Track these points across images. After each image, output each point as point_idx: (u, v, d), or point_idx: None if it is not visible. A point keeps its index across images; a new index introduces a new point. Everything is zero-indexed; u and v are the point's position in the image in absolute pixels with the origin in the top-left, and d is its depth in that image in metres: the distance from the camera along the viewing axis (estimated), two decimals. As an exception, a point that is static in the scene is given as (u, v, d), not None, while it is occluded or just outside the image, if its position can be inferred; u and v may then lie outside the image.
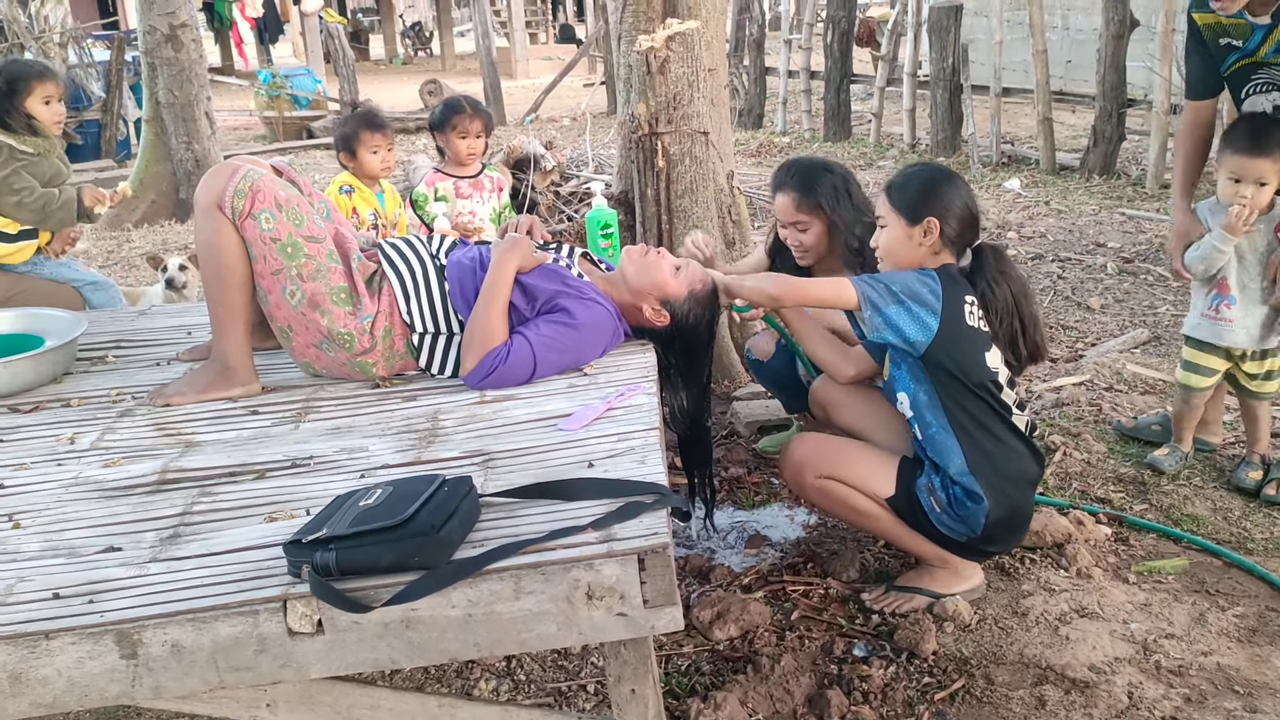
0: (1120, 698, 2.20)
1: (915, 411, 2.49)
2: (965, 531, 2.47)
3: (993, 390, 2.44)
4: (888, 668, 2.35)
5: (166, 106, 7.67)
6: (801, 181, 3.04)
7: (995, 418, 2.44)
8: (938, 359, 2.39)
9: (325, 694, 1.81)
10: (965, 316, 2.40)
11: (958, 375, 2.40)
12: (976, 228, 2.50)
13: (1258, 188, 2.91)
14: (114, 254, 6.99)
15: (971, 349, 2.41)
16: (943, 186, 2.45)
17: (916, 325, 2.37)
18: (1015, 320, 2.47)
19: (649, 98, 4.04)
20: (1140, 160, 8.03)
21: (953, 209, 2.43)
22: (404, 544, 1.70)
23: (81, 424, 2.47)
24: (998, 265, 2.49)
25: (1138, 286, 5.29)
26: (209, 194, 2.51)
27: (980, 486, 2.40)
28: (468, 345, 2.54)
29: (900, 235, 2.47)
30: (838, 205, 3.00)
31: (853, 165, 9.07)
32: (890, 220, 2.48)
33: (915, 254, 2.47)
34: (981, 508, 2.41)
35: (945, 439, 2.45)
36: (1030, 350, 2.51)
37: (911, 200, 2.45)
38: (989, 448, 2.43)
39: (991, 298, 2.45)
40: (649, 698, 1.84)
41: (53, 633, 1.63)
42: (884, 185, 2.55)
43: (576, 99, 13.89)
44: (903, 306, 2.37)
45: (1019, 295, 2.48)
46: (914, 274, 2.43)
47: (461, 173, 4.13)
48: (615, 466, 2.03)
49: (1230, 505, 3.03)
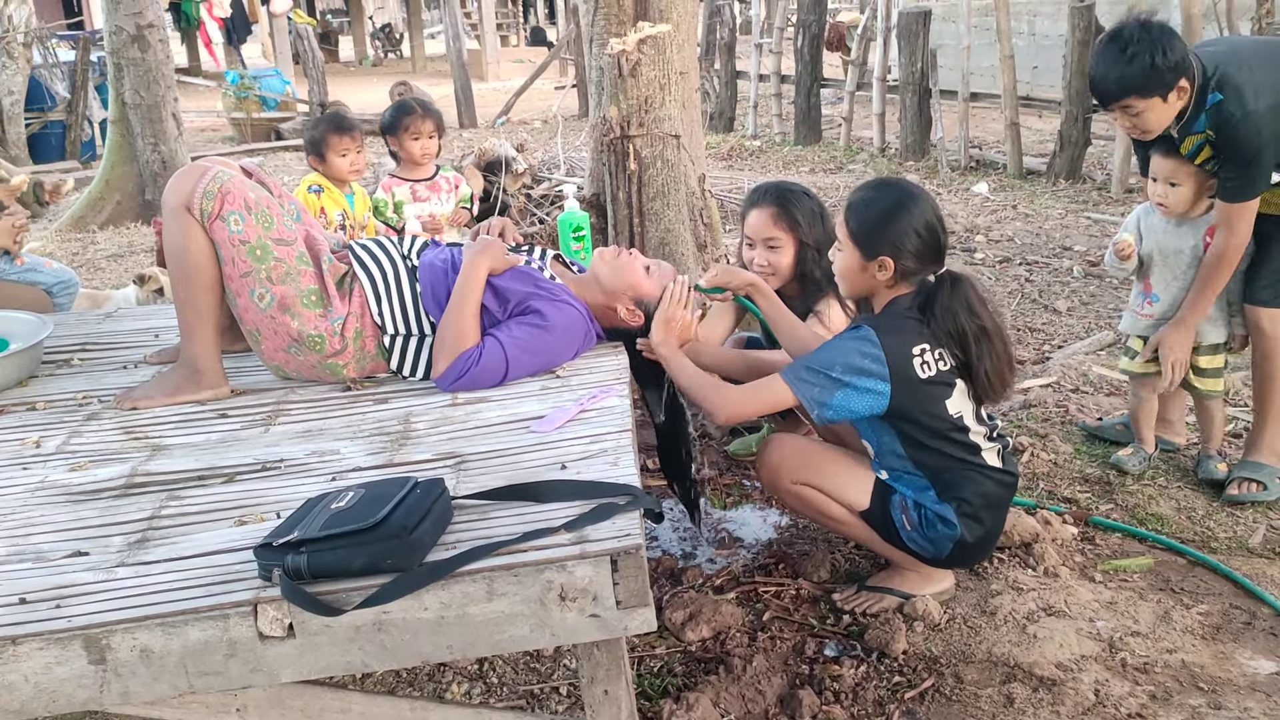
0: (1087, 695, 2.23)
1: (880, 458, 2.50)
2: (933, 552, 2.49)
3: (956, 437, 2.40)
4: (858, 667, 2.37)
5: (133, 107, 7.58)
6: (780, 198, 3.04)
7: (963, 458, 2.42)
8: (897, 417, 2.37)
9: (296, 698, 1.80)
10: (915, 371, 2.32)
11: (919, 428, 2.38)
12: (938, 254, 2.41)
13: (1168, 187, 3.04)
14: (79, 255, 6.90)
15: (928, 400, 2.35)
16: (900, 218, 2.35)
17: (867, 399, 2.32)
18: (969, 358, 2.35)
19: (620, 101, 4.05)
20: (1105, 165, 8.14)
21: (908, 245, 2.34)
22: (376, 546, 1.69)
23: (47, 427, 2.44)
24: (953, 300, 2.35)
25: (1103, 289, 5.35)
26: (177, 195, 2.49)
27: (952, 513, 2.42)
28: (439, 347, 2.54)
29: (854, 264, 2.41)
30: (812, 228, 3.01)
31: (823, 169, 9.13)
32: (846, 247, 2.42)
33: (869, 284, 2.43)
34: (953, 533, 2.43)
35: (914, 479, 2.46)
36: (988, 387, 2.39)
37: (867, 233, 2.37)
38: (957, 480, 2.43)
39: (944, 334, 2.34)
40: (622, 699, 1.84)
41: (19, 638, 1.61)
42: (845, 202, 2.48)
43: (548, 101, 13.87)
44: (848, 389, 2.30)
45: (976, 333, 2.34)
46: (850, 344, 2.33)
47: (417, 175, 4.13)
48: (588, 468, 2.04)
49: (1194, 505, 3.08)
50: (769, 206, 3.03)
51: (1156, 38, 2.70)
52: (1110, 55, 2.75)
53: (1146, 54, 2.69)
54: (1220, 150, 2.84)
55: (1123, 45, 2.72)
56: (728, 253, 4.55)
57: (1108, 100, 2.82)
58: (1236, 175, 2.84)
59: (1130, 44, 2.71)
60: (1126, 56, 2.71)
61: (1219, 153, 2.85)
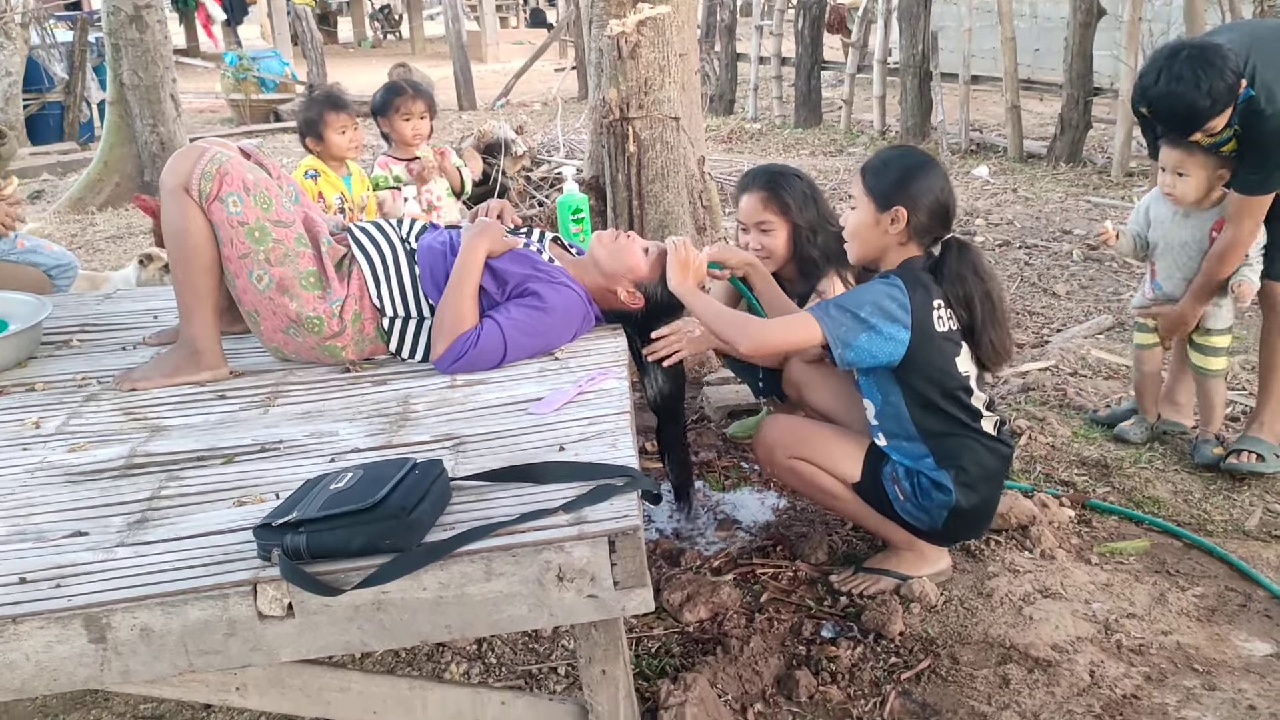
0: (1082, 676, 2.24)
1: (881, 421, 2.50)
2: (928, 522, 2.50)
3: (962, 397, 2.42)
4: (855, 648, 2.38)
5: (131, 88, 7.56)
6: (769, 182, 3.04)
7: (964, 422, 2.44)
8: (909, 370, 2.38)
9: (296, 677, 1.81)
10: (934, 323, 2.37)
11: (929, 384, 2.39)
12: (948, 220, 2.47)
13: (1176, 177, 3.04)
14: (78, 238, 6.90)
15: (942, 356, 2.39)
16: (918, 176, 2.41)
17: (888, 346, 2.34)
18: (975, 322, 2.41)
19: (620, 83, 4.04)
20: (1106, 148, 8.12)
21: (924, 200, 2.40)
22: (374, 527, 1.70)
23: (47, 408, 2.44)
24: (961, 264, 2.42)
25: (1102, 273, 5.35)
26: (175, 176, 2.49)
27: (949, 480, 2.43)
28: (438, 329, 2.54)
29: (868, 219, 2.45)
30: (804, 209, 3.00)
31: (823, 152, 9.11)
32: (861, 203, 2.46)
33: (881, 240, 2.46)
34: (948, 499, 2.44)
35: (912, 446, 2.47)
36: (991, 353, 2.45)
37: (885, 187, 2.42)
38: (956, 447, 2.44)
39: (953, 297, 2.41)
40: (619, 679, 1.85)
41: (20, 617, 1.62)
42: (861, 165, 2.53)
43: (547, 84, 13.82)
44: (872, 332, 2.32)
45: (982, 296, 2.41)
46: (880, 287, 2.38)
47: (409, 157, 4.11)
48: (586, 450, 2.04)
49: (1190, 488, 3.09)
50: (759, 191, 3.02)
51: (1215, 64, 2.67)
52: (1184, 89, 2.68)
53: (1218, 80, 2.66)
54: (1245, 144, 2.85)
55: (1194, 80, 2.67)
56: (726, 236, 4.54)
57: (1189, 131, 2.81)
58: (1257, 170, 2.86)
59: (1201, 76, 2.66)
60: (1204, 92, 2.67)
61: (1243, 146, 2.86)
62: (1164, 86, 2.73)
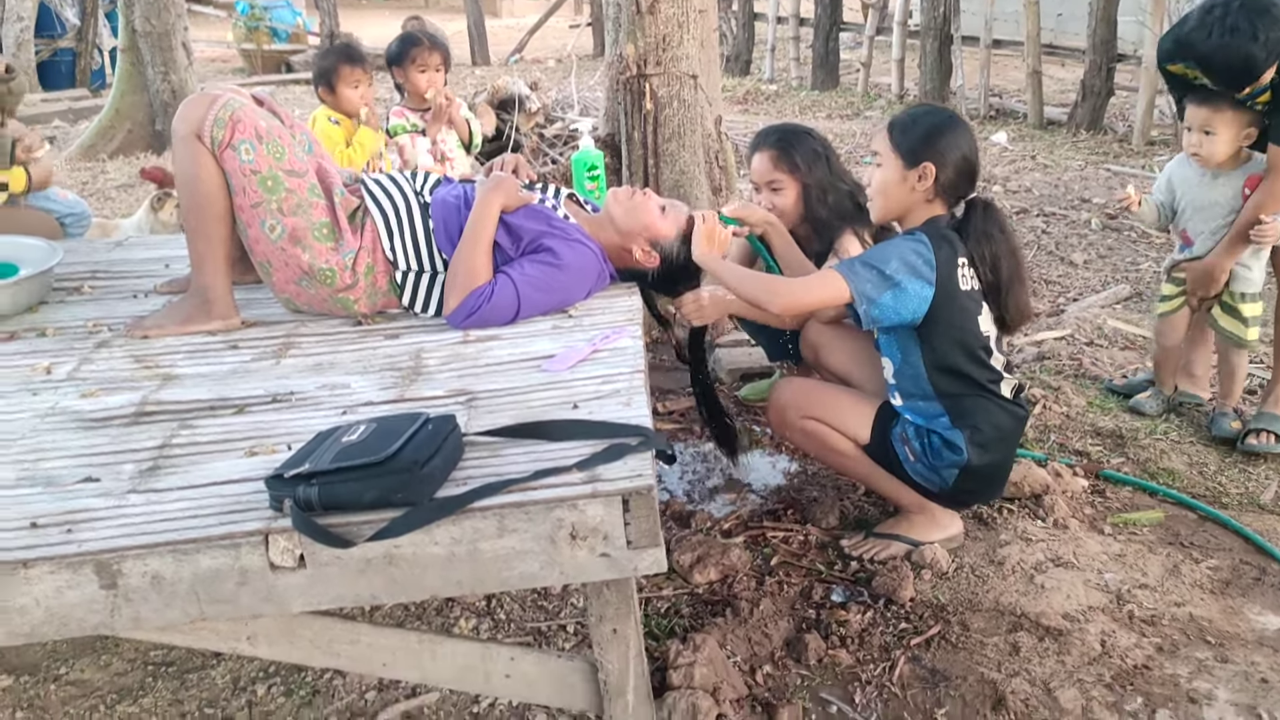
0: (1093, 645, 2.23)
1: (899, 381, 2.48)
2: (938, 483, 2.49)
3: (982, 357, 2.41)
4: (865, 613, 2.37)
5: (143, 36, 7.49)
6: (780, 140, 3.00)
7: (981, 383, 2.42)
8: (931, 328, 2.37)
9: (306, 628, 1.81)
10: (959, 280, 2.36)
11: (950, 343, 2.38)
12: (974, 180, 2.45)
13: (1203, 135, 3.01)
14: (89, 185, 6.86)
15: (964, 315, 2.38)
16: (946, 133, 2.39)
17: (913, 303, 2.32)
18: (1000, 281, 2.41)
19: (638, 38, 3.98)
20: (1128, 116, 8.01)
21: (951, 157, 2.38)
22: (386, 480, 1.68)
23: (58, 354, 2.43)
24: (986, 223, 2.42)
25: (1121, 243, 5.29)
26: (187, 123, 2.45)
27: (962, 439, 2.41)
28: (451, 284, 2.51)
29: (894, 176, 2.42)
30: (814, 168, 2.96)
31: (839, 114, 9.01)
32: (887, 159, 2.43)
33: (907, 198, 2.43)
34: (959, 459, 2.42)
35: (928, 405, 2.45)
36: (1014, 312, 2.46)
37: (912, 143, 2.39)
38: (971, 407, 2.43)
39: (977, 256, 2.40)
40: (630, 638, 1.85)
41: (31, 561, 1.62)
42: (887, 122, 2.50)
43: (562, 40, 13.67)
44: (896, 289, 2.31)
45: (1005, 254, 2.41)
46: (906, 243, 2.37)
47: (423, 107, 4.05)
48: (600, 408, 2.02)
49: (1206, 460, 3.07)
50: (769, 150, 3.00)
51: (1270, 12, 2.63)
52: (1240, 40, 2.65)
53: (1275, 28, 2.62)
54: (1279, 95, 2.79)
55: (1251, 31, 2.63)
56: (742, 196, 4.49)
57: (1242, 84, 2.76)
58: None
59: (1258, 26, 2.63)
60: (1260, 43, 2.63)
61: (1278, 97, 2.80)
62: (1218, 39, 2.67)
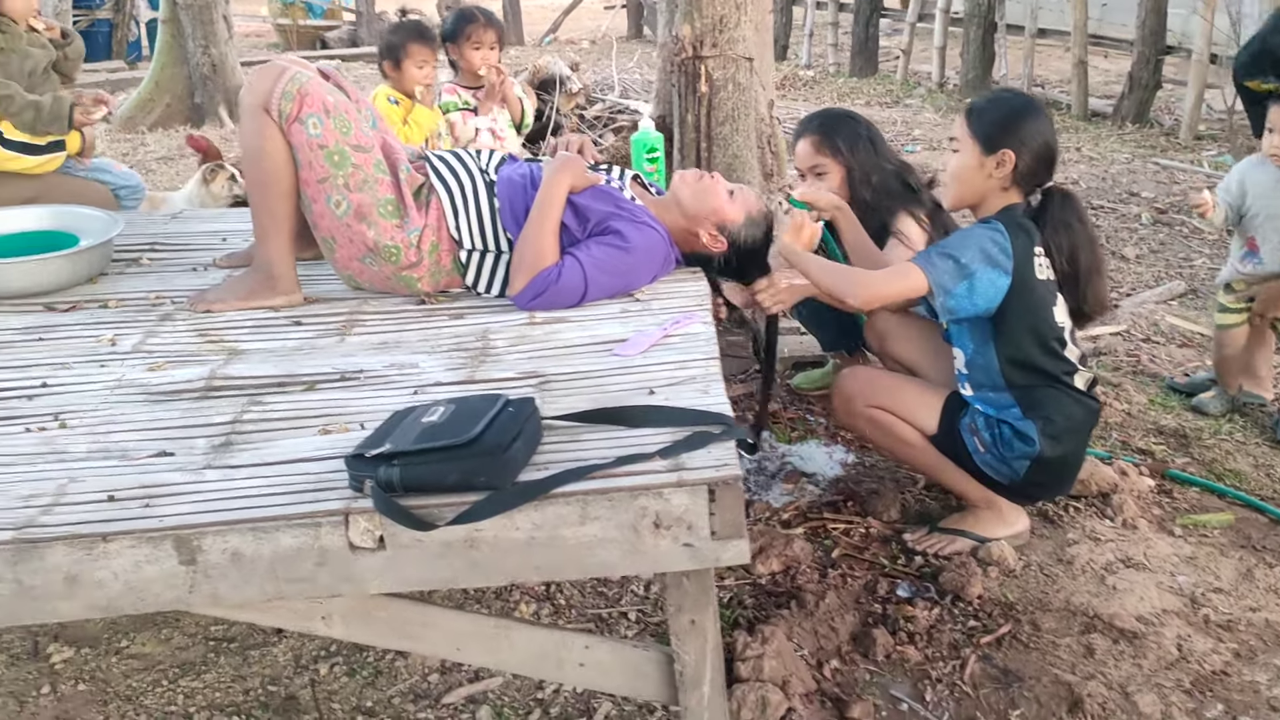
0: (1170, 649, 2.19)
1: (970, 371, 2.44)
2: (1008, 474, 2.44)
3: (1056, 348, 2.37)
4: (932, 609, 2.33)
5: (184, 7, 7.49)
6: (822, 125, 2.98)
7: (1054, 374, 2.38)
8: (1006, 318, 2.33)
9: (382, 609, 1.78)
10: (1035, 270, 2.32)
11: (1025, 333, 2.34)
12: (1052, 168, 2.40)
13: None
14: (129, 157, 6.86)
15: (1040, 305, 2.35)
16: (1026, 119, 2.35)
17: (989, 292, 2.29)
18: (1078, 271, 2.39)
19: (694, 19, 3.91)
20: (1174, 110, 7.88)
21: (1031, 144, 2.33)
22: (469, 463, 1.65)
23: (121, 326, 2.42)
24: (1065, 212, 2.39)
25: (1173, 238, 5.20)
26: (255, 96, 2.43)
27: (1034, 430, 2.36)
28: (518, 265, 2.48)
29: (972, 162, 2.38)
30: (856, 150, 2.91)
31: (878, 102, 8.91)
32: (964, 145, 2.39)
33: (984, 185, 2.39)
34: (1031, 450, 2.37)
35: (999, 396, 2.41)
36: (1092, 303, 2.44)
37: (990, 129, 2.35)
38: (1043, 398, 2.38)
39: (1054, 246, 2.37)
40: (708, 629, 1.81)
41: (110, 535, 1.60)
42: (965, 107, 2.46)
43: (595, 21, 13.57)
44: (971, 280, 2.28)
45: (1084, 244, 2.39)
46: (982, 232, 2.33)
47: (476, 85, 4.01)
48: (676, 395, 1.98)
49: (1273, 462, 3.00)
50: (812, 135, 2.98)
51: None
52: None
53: None
54: None
55: None
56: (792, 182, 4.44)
57: None
58: None
59: None
60: None
61: None
62: None
